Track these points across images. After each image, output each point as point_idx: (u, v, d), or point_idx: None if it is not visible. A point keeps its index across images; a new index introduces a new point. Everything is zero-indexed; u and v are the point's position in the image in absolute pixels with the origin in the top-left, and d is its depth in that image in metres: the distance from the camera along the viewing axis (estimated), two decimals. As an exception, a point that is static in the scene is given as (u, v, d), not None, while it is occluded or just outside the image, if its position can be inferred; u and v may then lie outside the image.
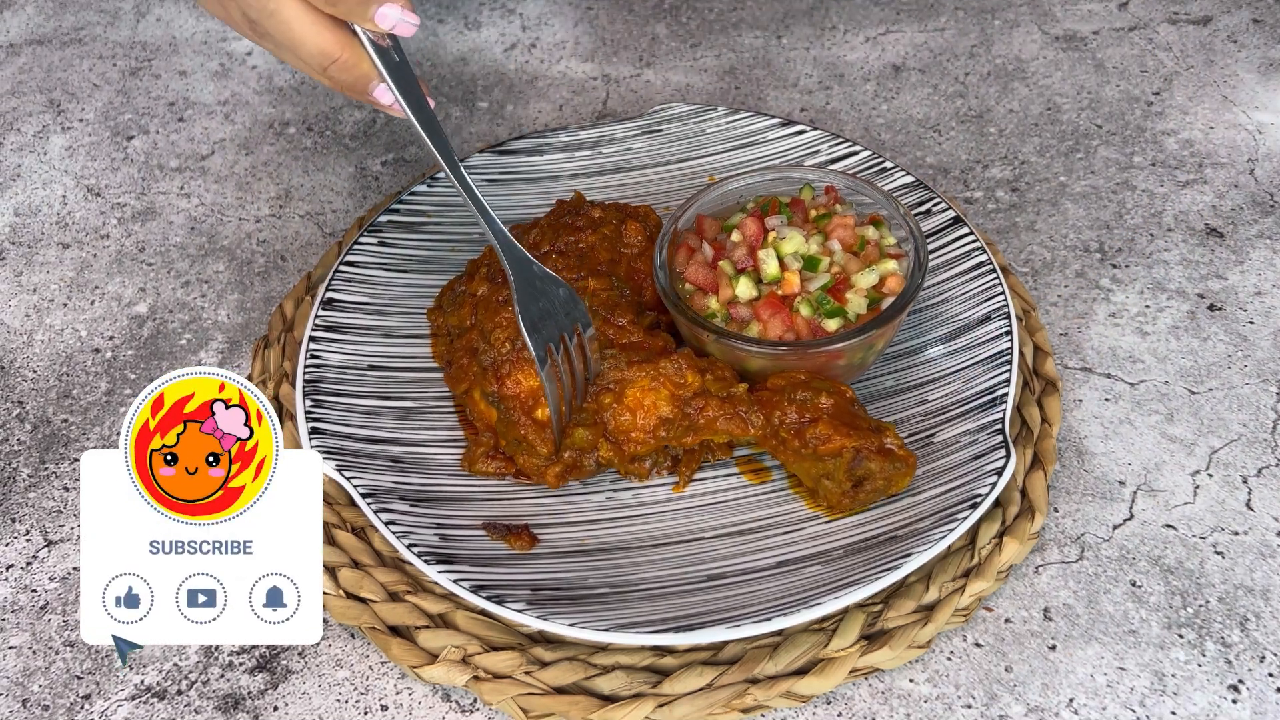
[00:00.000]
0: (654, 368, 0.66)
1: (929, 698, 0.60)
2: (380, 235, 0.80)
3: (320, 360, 0.72)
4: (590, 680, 0.60)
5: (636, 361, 0.66)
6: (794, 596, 0.59)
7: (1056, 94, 0.97)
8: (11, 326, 0.82)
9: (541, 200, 0.83)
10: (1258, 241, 0.83)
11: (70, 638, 0.64)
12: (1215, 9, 1.05)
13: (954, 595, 0.62)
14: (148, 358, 0.79)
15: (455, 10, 1.09)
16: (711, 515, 0.66)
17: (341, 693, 0.61)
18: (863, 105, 0.97)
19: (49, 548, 0.68)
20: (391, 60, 0.65)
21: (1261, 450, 0.70)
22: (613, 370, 0.66)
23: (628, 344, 0.68)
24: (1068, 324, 0.78)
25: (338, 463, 0.66)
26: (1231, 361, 0.76)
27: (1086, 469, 0.70)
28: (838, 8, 1.08)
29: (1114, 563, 0.65)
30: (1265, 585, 0.64)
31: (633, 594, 0.61)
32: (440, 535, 0.64)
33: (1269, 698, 0.59)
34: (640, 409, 0.66)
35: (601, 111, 0.98)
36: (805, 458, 0.64)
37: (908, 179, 0.81)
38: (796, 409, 0.65)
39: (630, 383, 0.66)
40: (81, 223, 0.90)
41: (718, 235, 0.73)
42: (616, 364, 0.67)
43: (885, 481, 0.63)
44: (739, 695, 0.59)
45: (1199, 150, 0.91)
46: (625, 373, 0.66)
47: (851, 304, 0.68)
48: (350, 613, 0.63)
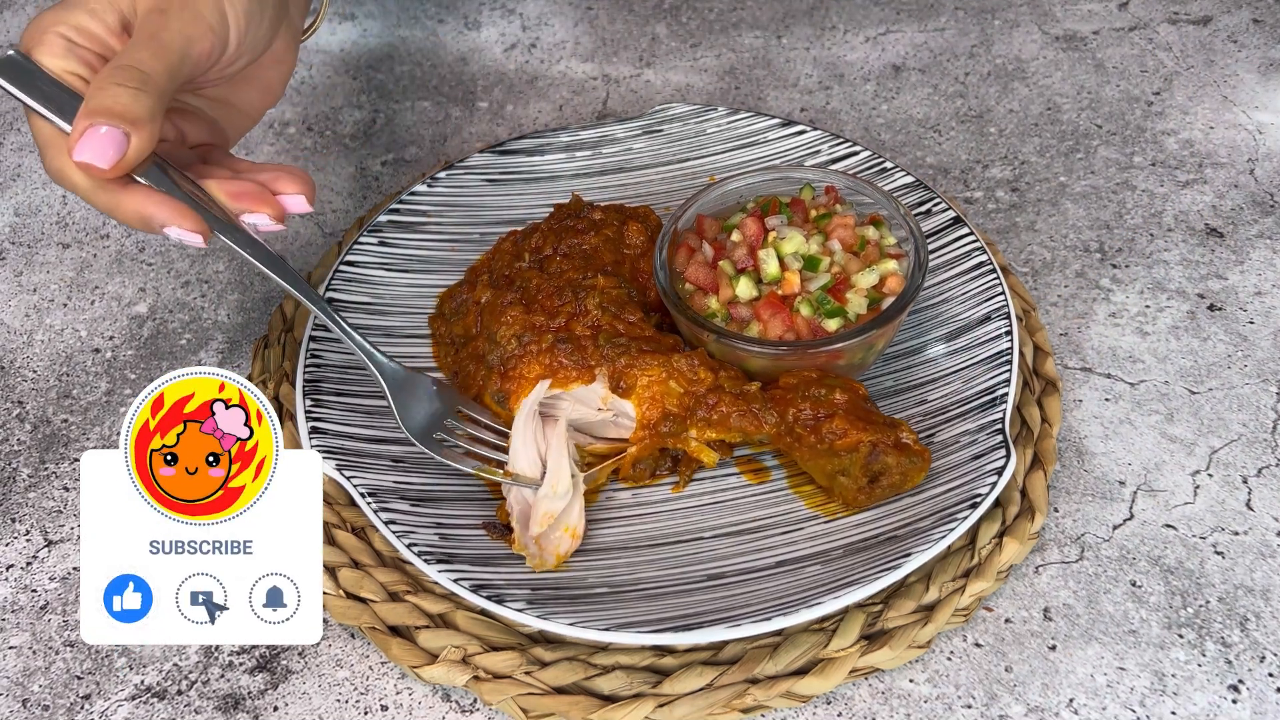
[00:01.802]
0: (666, 360, 0.66)
1: (929, 698, 0.60)
2: (380, 235, 0.80)
3: (320, 360, 0.72)
4: (590, 680, 0.60)
5: (648, 351, 0.66)
6: (794, 596, 0.59)
7: (1056, 94, 0.97)
8: (11, 326, 0.82)
9: (542, 200, 0.83)
10: (1258, 241, 0.83)
11: (70, 638, 0.64)
12: (1215, 9, 1.05)
13: (954, 595, 0.62)
14: (148, 358, 0.79)
15: (455, 10, 1.09)
16: (711, 515, 0.66)
17: (341, 693, 0.61)
18: (863, 105, 0.97)
19: (49, 548, 0.68)
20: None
21: (1261, 450, 0.70)
22: (623, 356, 0.66)
23: (640, 336, 0.68)
24: (1068, 324, 0.78)
25: (338, 462, 0.66)
26: (1231, 361, 0.76)
27: (1086, 469, 0.70)
28: (838, 8, 1.08)
29: (1114, 563, 0.65)
30: (1265, 585, 0.64)
31: (632, 594, 0.61)
32: (440, 535, 0.64)
33: (1269, 698, 0.59)
34: (647, 401, 0.66)
35: (602, 111, 0.98)
36: (820, 454, 0.64)
37: (908, 179, 0.81)
38: (811, 405, 0.65)
39: (641, 370, 0.66)
40: (81, 223, 0.90)
41: (718, 235, 0.73)
42: (626, 351, 0.66)
43: (901, 476, 0.64)
44: (739, 695, 0.59)
45: (1199, 150, 0.91)
46: (636, 359, 0.66)
47: (852, 304, 0.68)
48: (350, 613, 0.63)
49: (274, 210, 0.62)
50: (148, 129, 0.56)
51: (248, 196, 0.62)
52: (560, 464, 0.65)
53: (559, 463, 0.65)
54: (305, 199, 0.63)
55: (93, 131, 0.55)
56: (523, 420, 0.66)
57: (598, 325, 0.68)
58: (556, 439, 0.66)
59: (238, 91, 0.67)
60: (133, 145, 0.56)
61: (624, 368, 0.66)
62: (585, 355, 0.67)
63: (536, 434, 0.66)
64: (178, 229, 0.59)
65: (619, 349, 0.66)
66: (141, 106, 0.56)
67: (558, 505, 0.63)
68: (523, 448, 0.65)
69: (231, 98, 0.67)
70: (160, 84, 0.57)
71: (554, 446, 0.66)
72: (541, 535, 0.63)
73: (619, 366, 0.66)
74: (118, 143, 0.56)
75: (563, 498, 0.63)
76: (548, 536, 0.63)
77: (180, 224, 0.59)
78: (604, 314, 0.68)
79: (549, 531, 0.63)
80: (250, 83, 0.67)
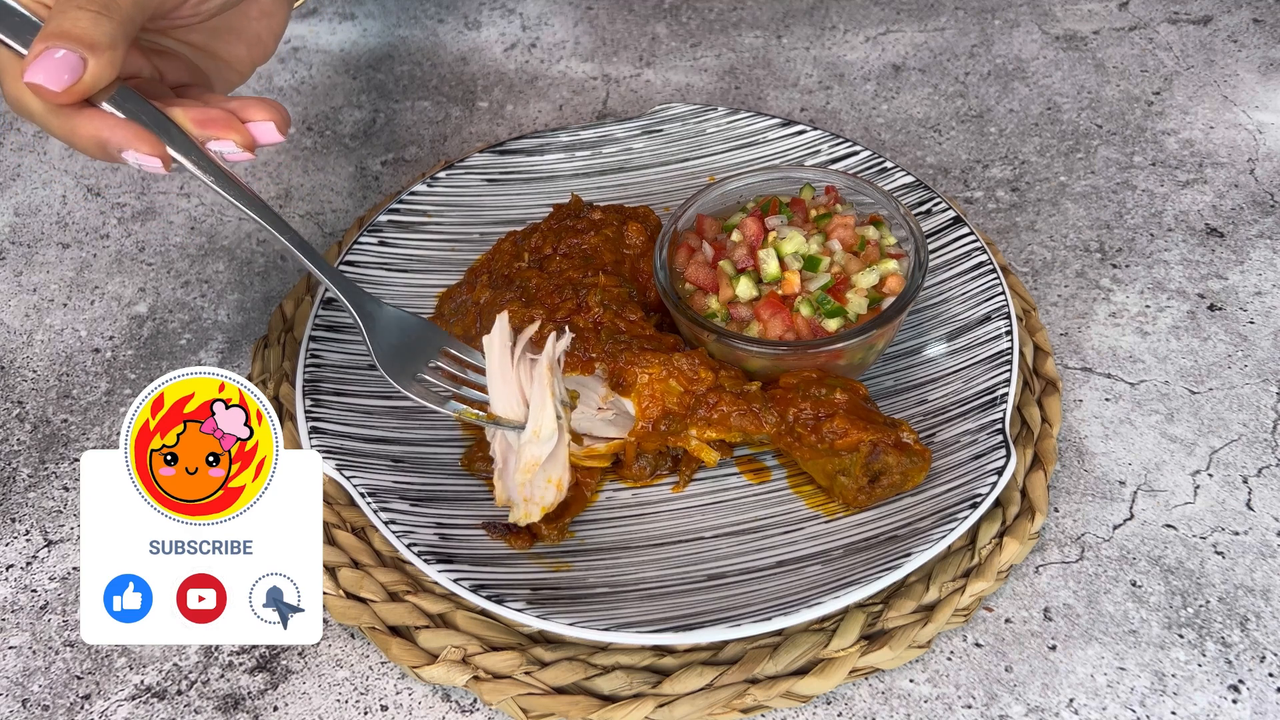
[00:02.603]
0: (667, 358, 0.66)
1: (929, 698, 0.60)
2: (380, 235, 0.80)
3: (320, 360, 0.72)
4: (590, 680, 0.60)
5: (649, 349, 0.66)
6: (794, 596, 0.59)
7: (1057, 94, 0.97)
8: (11, 326, 0.82)
9: (542, 200, 0.83)
10: (1258, 241, 0.83)
11: (70, 638, 0.64)
12: (1215, 9, 1.05)
13: (954, 595, 0.62)
14: (147, 358, 0.79)
15: (455, 10, 1.09)
16: (711, 515, 0.66)
17: (341, 693, 0.61)
18: (863, 105, 0.97)
19: (49, 548, 0.68)
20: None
21: (1262, 450, 0.70)
22: (624, 353, 0.66)
23: (640, 335, 0.68)
24: (1068, 324, 0.78)
25: (338, 462, 0.66)
26: (1232, 361, 0.75)
27: (1087, 469, 0.70)
28: (838, 7, 1.08)
29: (1114, 563, 0.65)
30: (1265, 585, 0.64)
31: (632, 594, 0.61)
32: (440, 535, 0.64)
33: (1269, 698, 0.59)
34: (647, 399, 0.66)
35: (601, 111, 0.98)
36: (821, 454, 0.64)
37: (908, 179, 0.81)
38: (811, 405, 0.65)
39: (641, 367, 0.66)
40: (81, 222, 0.90)
41: (718, 235, 0.73)
42: (628, 347, 0.66)
43: (901, 476, 0.63)
44: (739, 695, 0.59)
45: (1199, 150, 0.91)
46: (636, 356, 0.66)
47: (852, 304, 0.68)
48: (350, 613, 0.63)
49: (241, 137, 0.59)
50: (107, 55, 0.55)
51: (214, 123, 0.59)
52: (543, 405, 0.60)
53: (542, 404, 0.60)
54: (275, 126, 0.60)
55: (48, 54, 0.54)
56: (496, 358, 0.61)
57: (599, 322, 0.68)
58: (539, 378, 0.61)
59: (223, 43, 0.65)
60: (89, 70, 0.54)
61: (624, 365, 0.66)
62: (586, 346, 0.66)
63: (521, 373, 0.61)
64: (135, 153, 0.57)
65: (620, 345, 0.66)
66: (101, 31, 0.54)
67: (542, 450, 0.59)
68: (503, 387, 0.61)
69: (217, 48, 0.65)
70: (125, 11, 0.55)
71: (537, 386, 0.61)
72: (524, 484, 0.60)
73: (619, 363, 0.66)
74: (73, 66, 0.54)
75: (547, 441, 0.60)
76: (531, 486, 0.60)
77: (138, 147, 0.56)
78: (605, 311, 0.68)
79: (533, 480, 0.60)
80: (236, 35, 0.65)
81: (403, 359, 0.62)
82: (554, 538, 0.64)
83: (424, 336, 0.64)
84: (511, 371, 0.62)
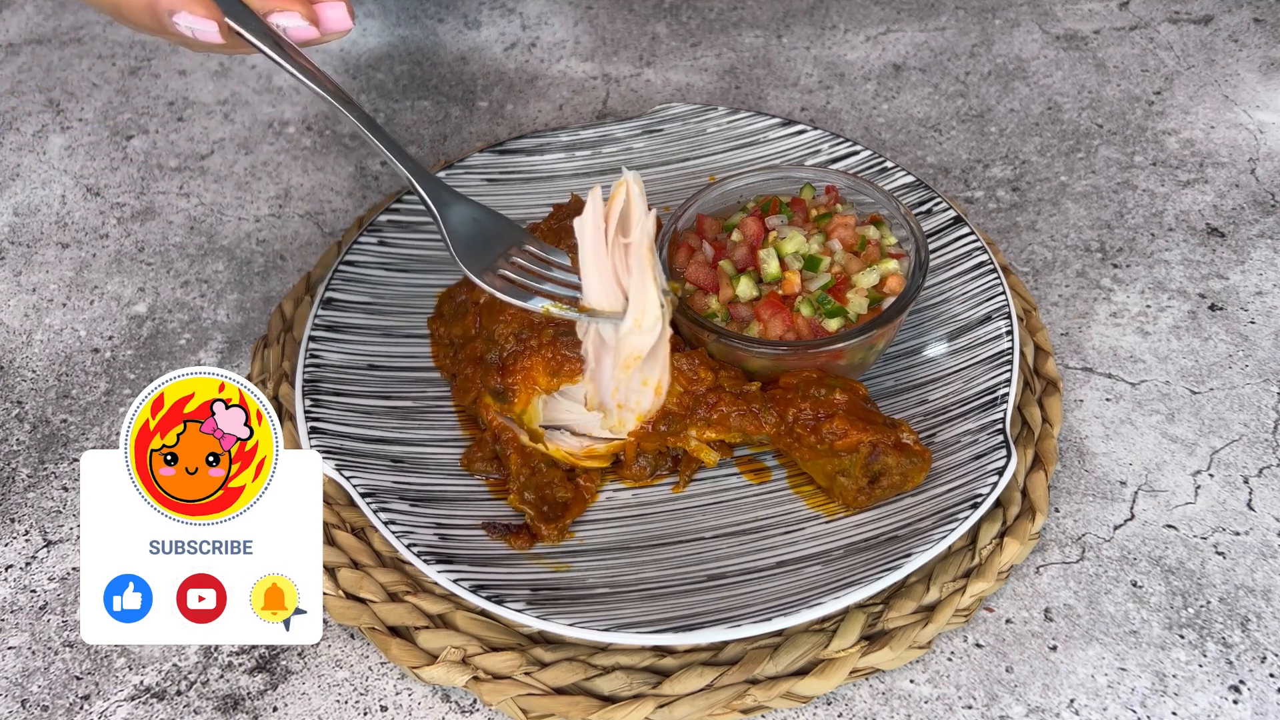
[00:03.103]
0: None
1: (929, 698, 0.60)
2: (380, 235, 0.80)
3: (320, 360, 0.72)
4: (590, 681, 0.60)
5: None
6: (794, 596, 0.59)
7: (1057, 93, 0.97)
8: (11, 326, 0.82)
9: (542, 200, 0.83)
10: (1259, 241, 0.83)
11: (70, 638, 0.64)
12: (1216, 8, 1.05)
13: (955, 595, 0.62)
14: (147, 358, 0.79)
15: (455, 10, 1.09)
16: (711, 515, 0.66)
17: (341, 693, 0.61)
18: (863, 105, 0.97)
19: (48, 548, 0.68)
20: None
21: (1263, 450, 0.70)
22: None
23: None
24: (1069, 324, 0.78)
25: (338, 462, 0.66)
26: (1233, 361, 0.75)
27: (1087, 469, 0.70)
28: (838, 7, 1.08)
29: (1115, 563, 0.65)
30: (1266, 585, 0.64)
31: (632, 594, 0.61)
32: (440, 535, 0.63)
33: (1270, 698, 0.59)
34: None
35: (601, 111, 0.98)
36: (820, 454, 0.64)
37: (908, 179, 0.81)
38: (811, 405, 0.65)
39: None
40: (81, 222, 0.90)
41: (718, 235, 0.73)
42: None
43: (901, 477, 0.63)
44: (739, 696, 0.59)
45: (1200, 150, 0.91)
46: None
47: (852, 304, 0.68)
48: (350, 613, 0.63)
49: (305, 10, 0.56)
50: None
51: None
52: (645, 290, 0.55)
53: (643, 289, 0.55)
54: (346, 10, 0.57)
55: None
56: (590, 243, 0.56)
57: None
58: (638, 261, 0.55)
59: None
60: None
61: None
62: None
63: (617, 259, 0.56)
64: (189, 15, 0.54)
65: None
66: None
67: (644, 341, 0.54)
68: (597, 275, 0.56)
69: None
70: None
71: (636, 271, 0.55)
72: (619, 388, 0.54)
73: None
74: None
75: (649, 331, 0.55)
76: (627, 389, 0.54)
77: (192, 9, 0.54)
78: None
79: (629, 381, 0.54)
80: None
81: (480, 253, 0.58)
82: (554, 538, 0.64)
83: (501, 231, 0.60)
84: (606, 258, 0.56)
